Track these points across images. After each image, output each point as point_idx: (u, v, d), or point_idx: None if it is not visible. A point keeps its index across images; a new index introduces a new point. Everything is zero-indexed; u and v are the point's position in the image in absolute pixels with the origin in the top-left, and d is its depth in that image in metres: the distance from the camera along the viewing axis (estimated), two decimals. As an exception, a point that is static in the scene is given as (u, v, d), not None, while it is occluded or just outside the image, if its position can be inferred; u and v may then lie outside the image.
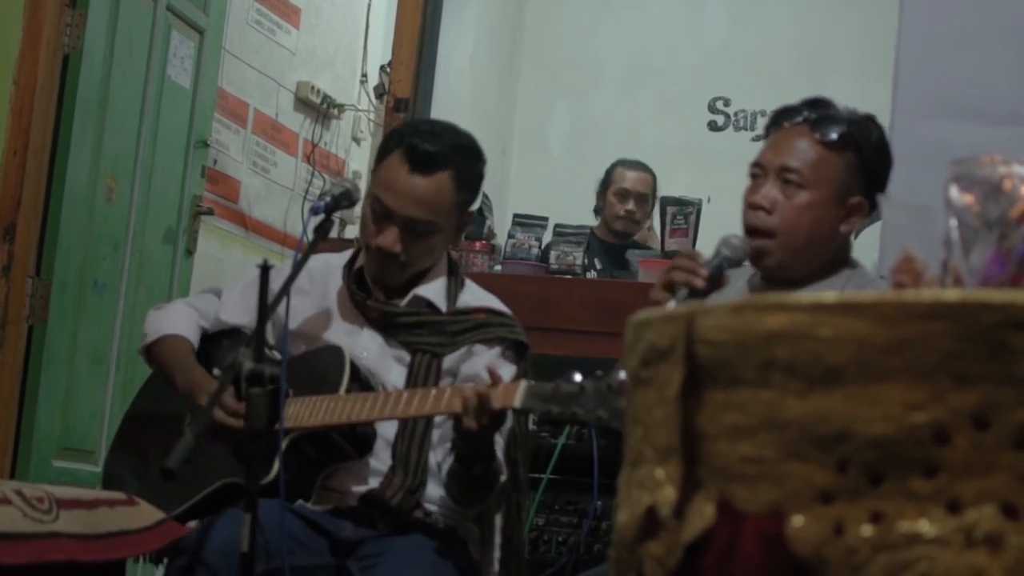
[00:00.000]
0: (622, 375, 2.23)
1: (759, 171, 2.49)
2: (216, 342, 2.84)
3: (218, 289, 2.95)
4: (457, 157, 2.69)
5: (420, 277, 2.76)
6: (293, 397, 2.56)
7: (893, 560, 1.04)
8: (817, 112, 2.49)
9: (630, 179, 5.46)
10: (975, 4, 3.85)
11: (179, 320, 2.84)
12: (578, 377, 2.29)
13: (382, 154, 2.74)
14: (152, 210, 4.66)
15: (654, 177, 5.51)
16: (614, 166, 5.53)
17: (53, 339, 4.17)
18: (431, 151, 2.66)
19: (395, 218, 2.66)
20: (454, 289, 2.78)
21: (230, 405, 2.51)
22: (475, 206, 2.80)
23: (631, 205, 5.41)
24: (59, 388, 4.22)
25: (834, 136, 2.45)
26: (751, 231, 2.46)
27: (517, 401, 2.33)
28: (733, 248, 2.42)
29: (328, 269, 2.82)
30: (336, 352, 2.64)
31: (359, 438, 2.60)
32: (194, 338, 2.82)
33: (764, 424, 1.12)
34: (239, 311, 2.82)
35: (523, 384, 2.35)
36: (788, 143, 2.47)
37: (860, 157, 2.47)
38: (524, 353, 2.74)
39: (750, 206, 2.47)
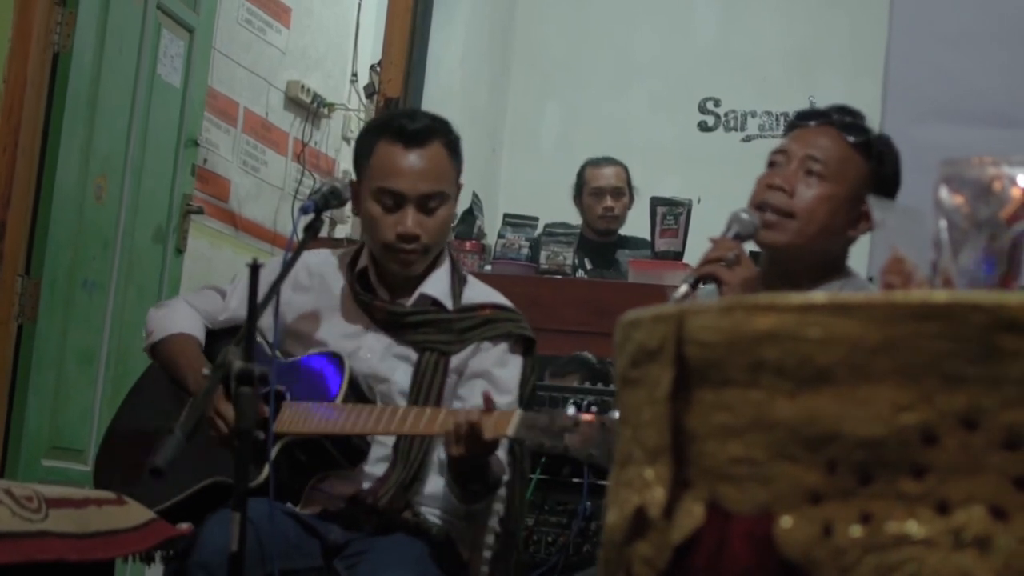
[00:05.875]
0: (616, 414, 2.23)
1: (781, 158, 2.50)
2: (219, 340, 2.83)
3: (220, 287, 2.94)
4: (441, 127, 2.76)
5: (424, 275, 2.76)
6: (289, 401, 2.56)
7: (882, 561, 1.04)
8: (846, 117, 2.52)
9: (601, 176, 5.47)
10: (965, 6, 3.86)
11: (184, 319, 2.84)
12: (572, 411, 2.30)
13: (366, 150, 2.74)
14: (142, 209, 4.65)
15: (626, 169, 5.53)
16: (583, 168, 5.54)
17: (43, 338, 4.16)
18: (419, 126, 2.71)
19: (408, 200, 2.67)
20: (458, 286, 2.78)
21: (227, 413, 2.52)
22: (462, 178, 2.82)
23: (608, 201, 5.42)
24: (48, 387, 4.21)
25: (863, 139, 2.48)
26: (767, 208, 2.46)
27: (510, 430, 2.34)
28: (743, 223, 2.44)
29: (328, 266, 2.83)
30: (335, 360, 2.64)
31: (352, 449, 2.60)
32: (201, 337, 2.83)
33: (753, 424, 1.12)
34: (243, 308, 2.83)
35: (518, 413, 2.37)
36: (816, 137, 2.49)
37: (879, 169, 2.49)
38: (531, 348, 2.75)
39: (769, 186, 2.47)
